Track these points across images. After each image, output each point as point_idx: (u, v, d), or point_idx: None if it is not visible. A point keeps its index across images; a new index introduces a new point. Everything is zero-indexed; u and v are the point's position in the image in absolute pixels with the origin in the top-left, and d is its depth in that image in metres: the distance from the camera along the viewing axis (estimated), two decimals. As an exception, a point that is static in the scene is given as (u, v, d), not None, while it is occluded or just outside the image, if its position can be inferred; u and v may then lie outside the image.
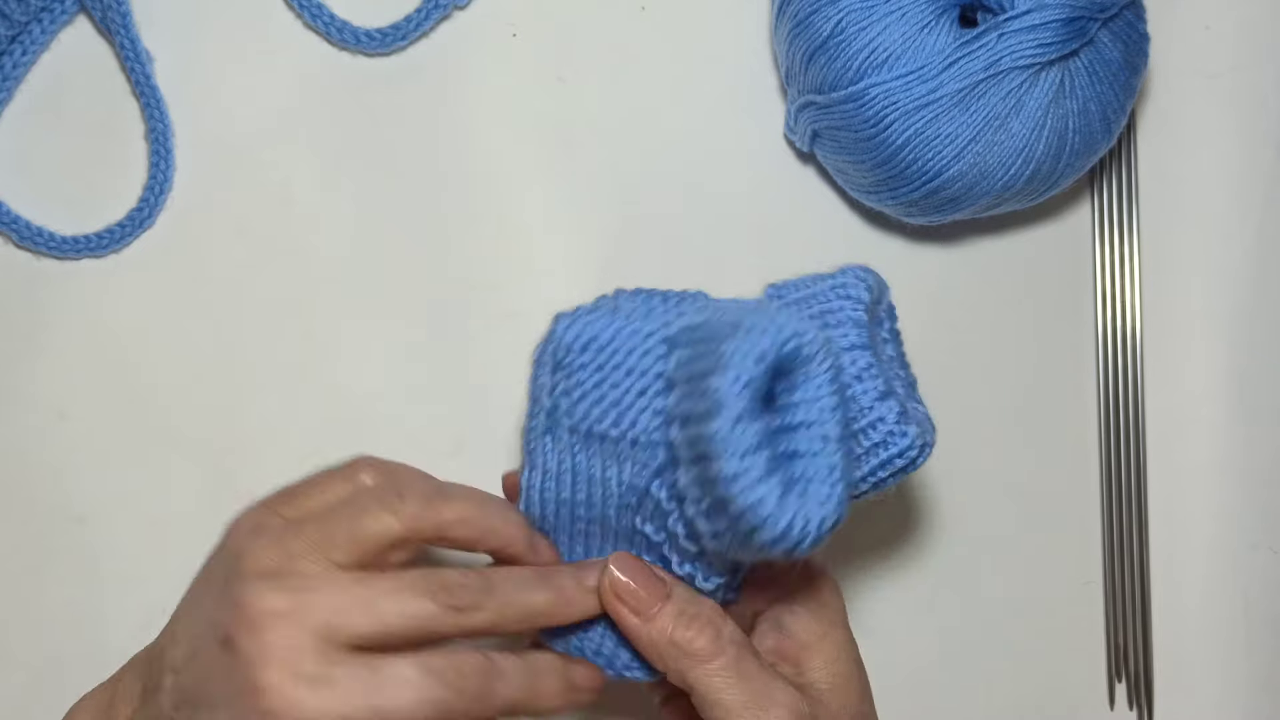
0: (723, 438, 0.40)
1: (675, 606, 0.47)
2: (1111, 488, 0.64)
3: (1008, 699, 0.63)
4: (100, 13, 0.62)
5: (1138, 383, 0.64)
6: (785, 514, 0.41)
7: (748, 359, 0.40)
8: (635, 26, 0.64)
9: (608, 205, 0.63)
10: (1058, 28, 0.54)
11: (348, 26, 0.62)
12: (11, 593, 0.57)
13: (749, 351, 0.40)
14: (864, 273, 0.47)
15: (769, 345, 0.41)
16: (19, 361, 0.62)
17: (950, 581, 0.63)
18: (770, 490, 0.41)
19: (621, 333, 0.46)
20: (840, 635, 0.49)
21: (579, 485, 0.48)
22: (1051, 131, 0.56)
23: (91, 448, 0.62)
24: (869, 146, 0.57)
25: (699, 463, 0.42)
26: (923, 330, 0.64)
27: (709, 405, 0.40)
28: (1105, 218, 0.64)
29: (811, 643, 0.49)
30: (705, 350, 0.42)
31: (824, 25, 0.56)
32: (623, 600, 0.47)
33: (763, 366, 0.41)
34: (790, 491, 0.41)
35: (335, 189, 0.63)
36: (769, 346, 0.41)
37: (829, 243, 0.64)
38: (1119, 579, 0.63)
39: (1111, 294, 0.64)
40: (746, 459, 0.40)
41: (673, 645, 0.47)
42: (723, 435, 0.40)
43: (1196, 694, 0.64)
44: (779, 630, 0.49)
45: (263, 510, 0.46)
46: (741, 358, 0.40)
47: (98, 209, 0.63)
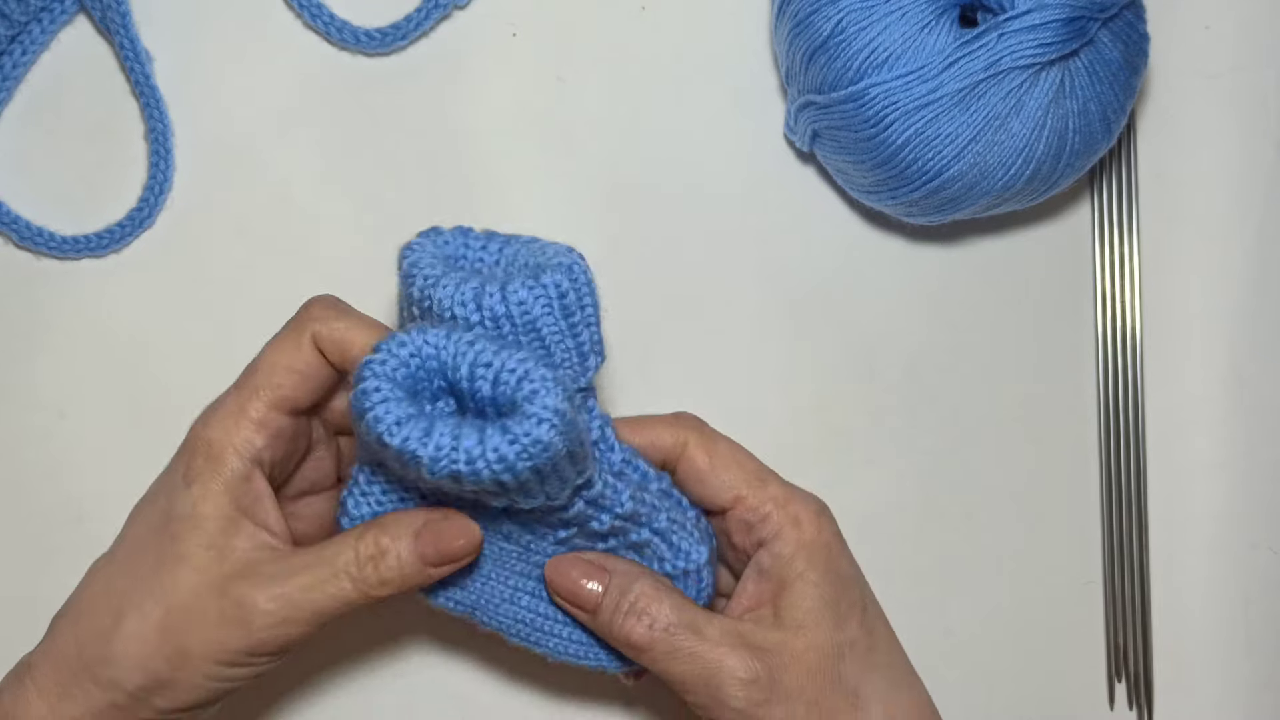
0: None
1: (610, 601, 0.50)
2: (1111, 488, 0.64)
3: (1008, 699, 0.63)
4: (100, 13, 0.62)
5: (1138, 383, 0.64)
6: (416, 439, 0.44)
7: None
8: (635, 26, 0.64)
9: (608, 205, 0.64)
10: (1058, 28, 0.54)
11: (348, 26, 0.62)
12: (11, 593, 0.57)
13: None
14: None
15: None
16: (19, 361, 0.62)
17: (950, 581, 0.63)
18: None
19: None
20: (814, 575, 0.50)
21: None
22: (1051, 131, 0.56)
23: (91, 448, 0.62)
24: (869, 146, 0.57)
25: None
26: (923, 330, 0.64)
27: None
28: (1105, 218, 0.64)
29: (787, 583, 0.50)
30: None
31: (824, 25, 0.56)
32: (566, 601, 0.50)
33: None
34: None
35: (335, 189, 0.63)
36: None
37: (829, 243, 0.64)
38: (1119, 579, 0.63)
39: (1111, 294, 0.64)
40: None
41: (616, 639, 0.50)
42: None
43: (1196, 694, 0.64)
44: (760, 573, 0.51)
45: None
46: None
47: (98, 209, 0.63)
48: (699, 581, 0.51)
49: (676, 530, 0.50)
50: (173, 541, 0.49)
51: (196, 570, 0.48)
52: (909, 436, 0.64)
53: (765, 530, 0.51)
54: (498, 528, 0.50)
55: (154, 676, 0.48)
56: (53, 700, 0.49)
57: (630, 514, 0.49)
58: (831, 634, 0.50)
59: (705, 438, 0.52)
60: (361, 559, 0.48)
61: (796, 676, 0.49)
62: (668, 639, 0.49)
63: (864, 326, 0.64)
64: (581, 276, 0.48)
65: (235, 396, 0.50)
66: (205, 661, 0.48)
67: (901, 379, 0.64)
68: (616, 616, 0.49)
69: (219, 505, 0.49)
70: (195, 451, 0.50)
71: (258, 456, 0.50)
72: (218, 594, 0.48)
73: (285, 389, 0.50)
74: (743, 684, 0.48)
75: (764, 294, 0.63)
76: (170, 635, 0.48)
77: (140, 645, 0.48)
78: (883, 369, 0.64)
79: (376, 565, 0.48)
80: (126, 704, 0.49)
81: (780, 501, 0.51)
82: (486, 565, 0.51)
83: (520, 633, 0.52)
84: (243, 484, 0.49)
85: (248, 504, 0.49)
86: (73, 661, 0.50)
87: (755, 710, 0.49)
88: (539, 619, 0.52)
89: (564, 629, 0.52)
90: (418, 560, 0.49)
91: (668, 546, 0.50)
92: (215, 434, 0.50)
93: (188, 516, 0.49)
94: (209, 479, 0.49)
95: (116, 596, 0.49)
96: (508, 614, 0.52)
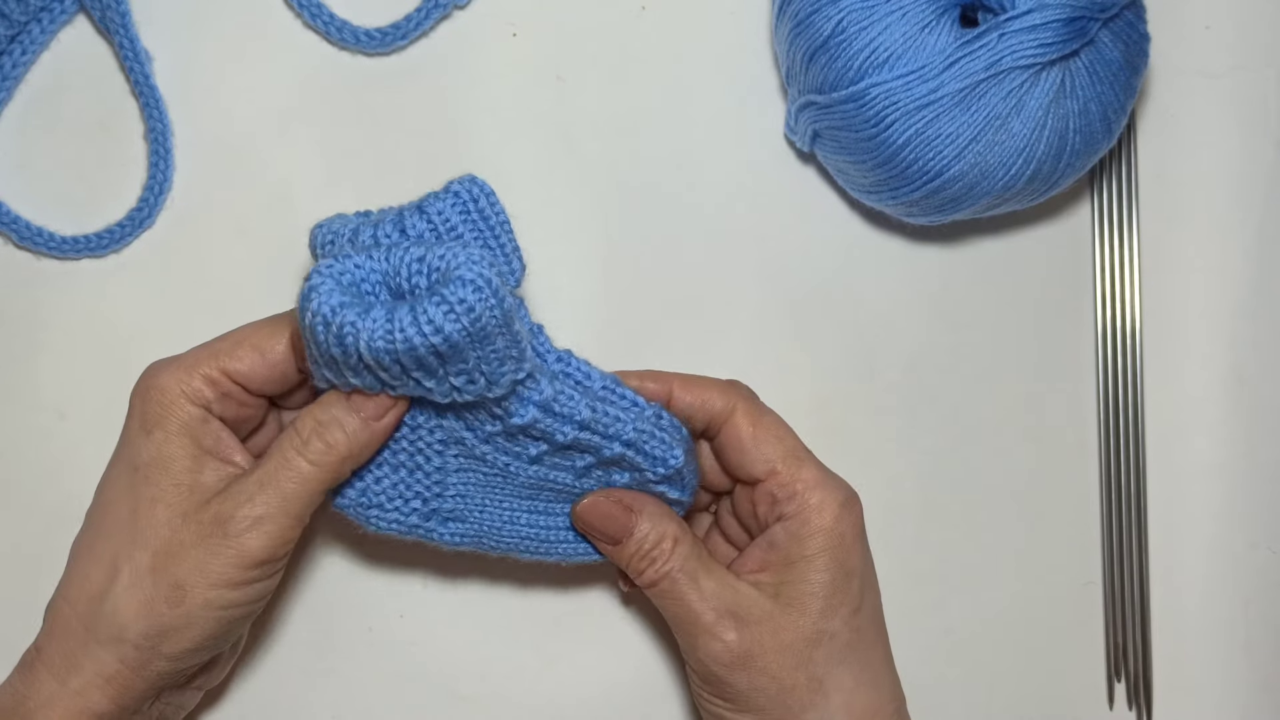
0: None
1: (633, 544, 0.53)
2: (1111, 488, 0.64)
3: (1008, 699, 0.63)
4: (100, 12, 0.62)
5: (1138, 383, 0.64)
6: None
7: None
8: (635, 26, 0.64)
9: (608, 205, 0.63)
10: (1058, 28, 0.54)
11: (348, 26, 0.62)
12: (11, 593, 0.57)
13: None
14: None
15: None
16: (19, 361, 0.62)
17: (951, 582, 0.63)
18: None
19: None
20: (820, 561, 0.53)
21: None
22: (1052, 131, 0.56)
23: (91, 448, 0.62)
24: (869, 146, 0.57)
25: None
26: (923, 330, 0.64)
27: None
28: (1105, 218, 0.64)
29: (792, 562, 0.53)
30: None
31: (824, 25, 0.56)
32: (591, 535, 0.54)
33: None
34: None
35: (335, 189, 0.63)
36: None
37: (829, 243, 0.64)
38: (1119, 579, 0.63)
39: (1111, 294, 0.64)
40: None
41: (631, 573, 0.54)
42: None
43: (1196, 694, 0.64)
44: (770, 546, 0.53)
45: None
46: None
47: (98, 209, 0.62)
48: (682, 480, 0.53)
49: (647, 439, 0.52)
50: (144, 486, 0.50)
51: (170, 506, 0.50)
52: (909, 436, 0.64)
53: (788, 507, 0.53)
54: (472, 453, 0.52)
55: (156, 621, 0.49)
56: (61, 675, 0.50)
57: (589, 422, 0.51)
58: (816, 620, 0.52)
59: (753, 407, 0.54)
60: (305, 435, 0.50)
61: (770, 651, 0.52)
62: (667, 583, 0.52)
63: (864, 326, 0.64)
64: (484, 186, 0.51)
65: (192, 354, 0.52)
66: (201, 589, 0.49)
67: (901, 379, 0.64)
68: (634, 558, 0.53)
69: (182, 445, 0.50)
70: (148, 399, 0.51)
71: (208, 405, 0.51)
72: (193, 520, 0.50)
73: (243, 363, 0.51)
74: (718, 645, 0.52)
75: (764, 294, 0.63)
76: (162, 574, 0.49)
77: (136, 593, 0.49)
78: (883, 369, 0.64)
79: (321, 434, 0.50)
80: (135, 659, 0.50)
81: (810, 483, 0.53)
82: (478, 496, 0.53)
83: (529, 548, 0.55)
84: (200, 425, 0.51)
85: (209, 444, 0.51)
86: (75, 631, 0.50)
87: (722, 670, 0.52)
88: (543, 532, 0.54)
89: (569, 533, 0.55)
90: (355, 417, 0.50)
91: (643, 457, 0.52)
92: (166, 381, 0.51)
93: (154, 460, 0.50)
94: (167, 422, 0.50)
95: (102, 555, 0.50)
96: (511, 535, 0.54)
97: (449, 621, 0.62)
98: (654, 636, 0.63)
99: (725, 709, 0.53)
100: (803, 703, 0.52)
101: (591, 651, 0.62)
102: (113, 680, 0.50)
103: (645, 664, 0.62)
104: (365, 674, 0.62)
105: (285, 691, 0.62)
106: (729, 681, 0.52)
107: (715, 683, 0.52)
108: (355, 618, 0.62)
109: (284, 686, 0.62)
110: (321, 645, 0.62)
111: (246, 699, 0.61)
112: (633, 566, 0.53)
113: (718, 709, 0.53)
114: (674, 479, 0.53)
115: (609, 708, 0.62)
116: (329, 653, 0.62)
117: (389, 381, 0.49)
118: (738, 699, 0.52)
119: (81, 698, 0.50)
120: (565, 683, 0.62)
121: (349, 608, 0.62)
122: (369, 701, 0.62)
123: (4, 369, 0.62)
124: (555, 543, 0.55)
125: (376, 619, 0.62)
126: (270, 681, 0.62)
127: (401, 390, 0.49)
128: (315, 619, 0.62)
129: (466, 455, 0.52)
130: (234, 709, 0.61)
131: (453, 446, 0.52)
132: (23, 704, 0.50)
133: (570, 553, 0.55)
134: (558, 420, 0.51)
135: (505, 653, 0.62)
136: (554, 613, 0.62)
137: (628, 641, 0.63)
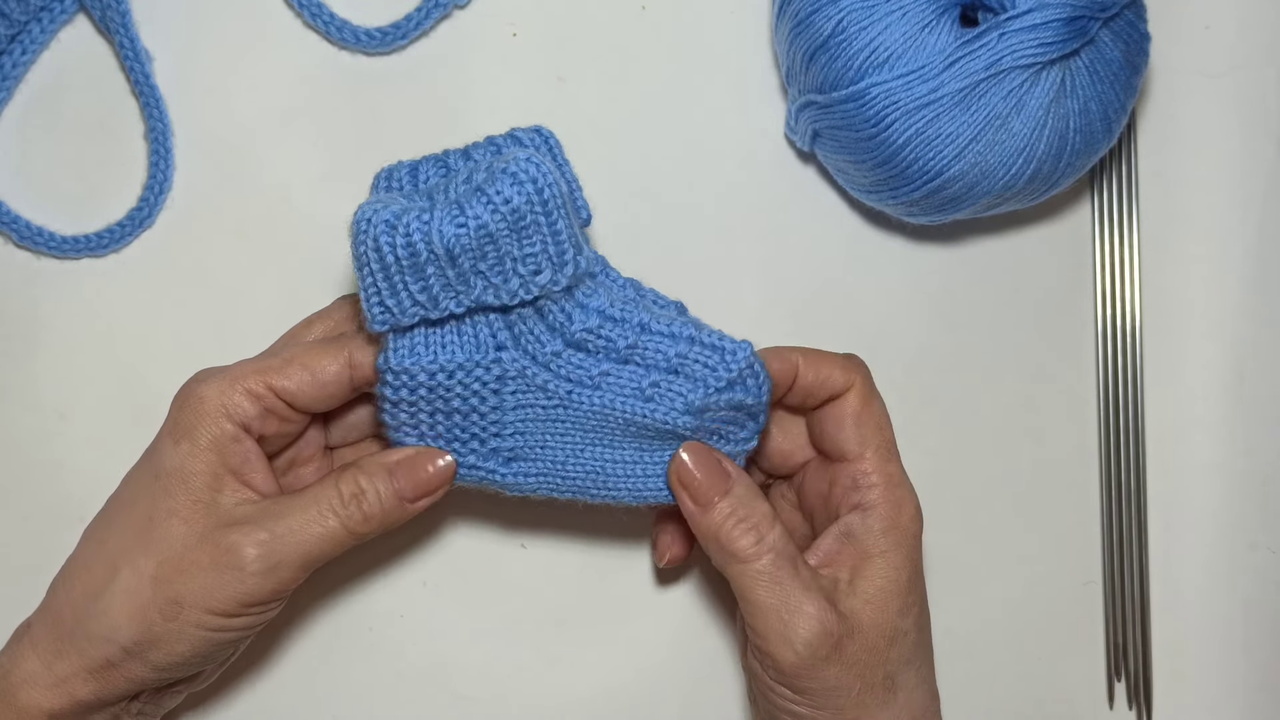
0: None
1: (729, 505, 0.51)
2: (1111, 488, 0.64)
3: (1008, 699, 0.63)
4: (100, 12, 0.62)
5: (1138, 383, 0.64)
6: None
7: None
8: (635, 26, 0.64)
9: (607, 205, 0.63)
10: (1058, 27, 0.54)
11: (348, 26, 0.62)
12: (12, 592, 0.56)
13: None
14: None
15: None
16: (19, 361, 0.62)
17: (951, 581, 0.63)
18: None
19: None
20: (897, 558, 0.52)
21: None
22: (1052, 131, 0.56)
23: (91, 448, 0.62)
24: (870, 146, 0.57)
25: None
26: (923, 330, 0.64)
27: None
28: (1105, 218, 0.64)
29: (871, 555, 0.51)
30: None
31: (825, 25, 0.56)
32: (685, 488, 0.52)
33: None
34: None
35: (335, 189, 0.63)
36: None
37: (829, 243, 0.64)
38: (1119, 579, 0.63)
39: (1111, 294, 0.64)
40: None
41: (719, 539, 0.51)
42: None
43: (1196, 694, 0.64)
44: (846, 536, 0.52)
45: None
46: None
47: (98, 209, 0.62)
48: (756, 379, 0.52)
49: (710, 334, 0.51)
50: (163, 497, 0.50)
51: (186, 522, 0.50)
52: (909, 436, 0.63)
53: (868, 497, 0.52)
54: (531, 384, 0.51)
55: (147, 629, 0.49)
56: (48, 658, 0.50)
57: (650, 323, 0.51)
58: (895, 618, 0.51)
59: (869, 387, 0.54)
60: (345, 497, 0.50)
61: (857, 646, 0.50)
62: (768, 561, 0.50)
63: (864, 326, 0.64)
64: (551, 135, 0.53)
65: (239, 366, 0.51)
66: (197, 610, 0.49)
67: (902, 379, 0.64)
68: (729, 521, 0.51)
69: (207, 462, 0.50)
70: (184, 407, 0.51)
71: (247, 423, 0.51)
72: (209, 543, 0.49)
73: (292, 381, 0.51)
74: (814, 633, 0.49)
75: (764, 294, 0.63)
76: (163, 586, 0.49)
77: (133, 598, 0.49)
78: (883, 369, 0.63)
79: (359, 502, 0.50)
80: (120, 660, 0.50)
81: (894, 480, 0.53)
82: (538, 432, 0.52)
83: (597, 485, 0.53)
84: (231, 444, 0.50)
85: (236, 464, 0.50)
86: (67, 620, 0.50)
87: (813, 660, 0.50)
88: (610, 465, 0.53)
89: (638, 467, 0.53)
90: (394, 495, 0.51)
91: (711, 351, 0.51)
92: (208, 391, 0.50)
93: (176, 472, 0.50)
94: (197, 435, 0.50)
95: (109, 553, 0.51)
96: (577, 470, 0.53)
97: (449, 621, 0.62)
98: (654, 637, 0.63)
99: (801, 706, 0.51)
100: (879, 700, 0.51)
101: (591, 651, 0.62)
102: (96, 674, 0.50)
103: (645, 665, 0.62)
104: (365, 674, 0.62)
105: (285, 691, 0.62)
106: (817, 675, 0.50)
107: (799, 676, 0.50)
108: (355, 618, 0.62)
109: (284, 686, 0.62)
110: (321, 645, 0.62)
111: (247, 699, 0.61)
112: (725, 533, 0.51)
113: (792, 706, 0.51)
114: (749, 376, 0.51)
115: (609, 708, 0.62)
116: (329, 653, 0.62)
117: (456, 284, 0.49)
118: (819, 695, 0.50)
119: (66, 684, 0.50)
120: (565, 683, 0.62)
121: (349, 608, 0.62)
122: (369, 701, 0.62)
123: (4, 369, 0.62)
124: (624, 478, 0.53)
125: (376, 619, 0.62)
126: (270, 681, 0.62)
127: (466, 299, 0.49)
128: (315, 618, 0.62)
129: (525, 389, 0.52)
130: (234, 709, 0.61)
131: (510, 383, 0.51)
132: (6, 677, 0.51)
133: (640, 490, 0.53)
134: (619, 325, 0.51)
135: (505, 653, 0.62)
136: (554, 613, 0.62)
137: (628, 642, 0.63)
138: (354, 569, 0.62)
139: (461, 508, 0.62)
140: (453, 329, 0.51)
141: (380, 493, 0.51)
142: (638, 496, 0.53)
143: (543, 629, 0.62)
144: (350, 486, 0.50)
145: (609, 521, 0.62)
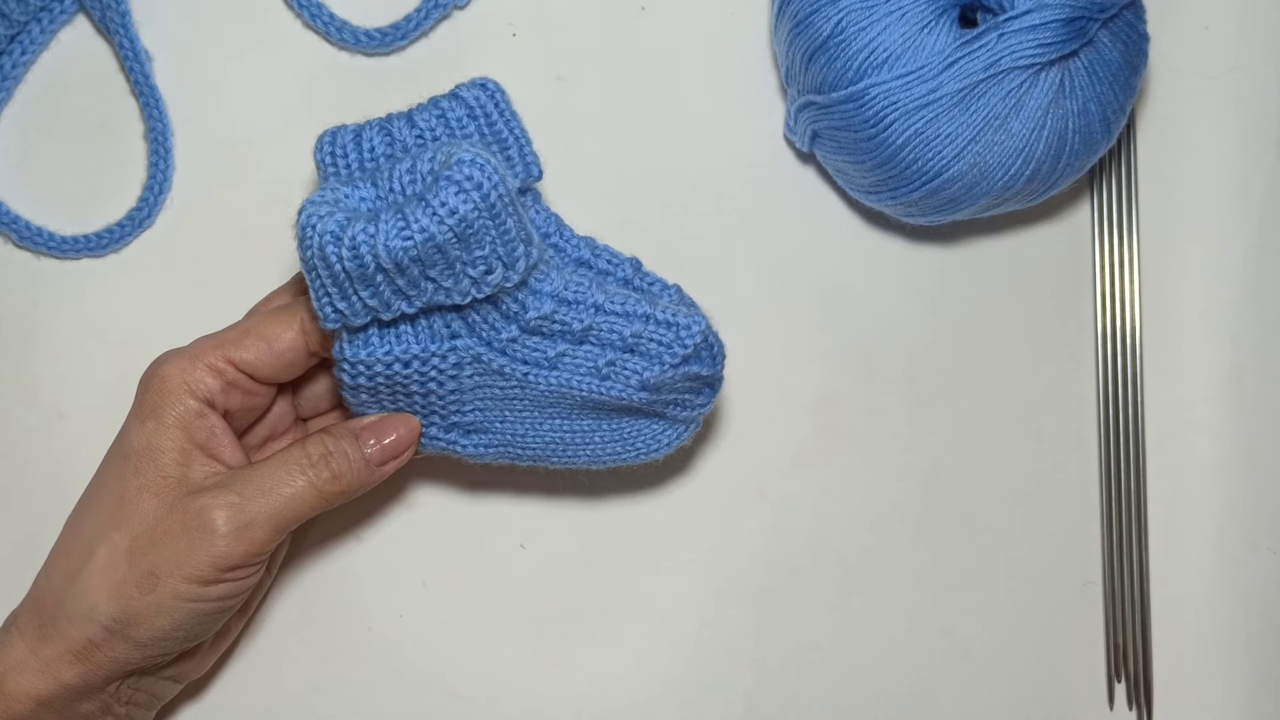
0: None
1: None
2: (1111, 488, 0.64)
3: (1008, 699, 0.63)
4: (99, 12, 0.62)
5: (1138, 383, 0.64)
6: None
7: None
8: (635, 26, 0.64)
9: (607, 205, 0.63)
10: (1058, 28, 0.54)
11: (348, 26, 0.62)
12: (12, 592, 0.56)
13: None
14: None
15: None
16: (19, 361, 0.62)
17: (951, 582, 0.63)
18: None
19: None
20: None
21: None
22: (1051, 131, 0.56)
23: (91, 448, 0.62)
24: (869, 146, 0.57)
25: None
26: (923, 330, 0.64)
27: None
28: (1105, 218, 0.64)
29: None
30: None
31: (824, 25, 0.56)
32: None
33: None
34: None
35: (335, 189, 0.63)
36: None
37: (829, 243, 0.64)
38: (1119, 579, 0.63)
39: (1111, 294, 0.64)
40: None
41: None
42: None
43: (1196, 694, 0.64)
44: None
45: None
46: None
47: (97, 209, 0.63)
48: (711, 351, 0.53)
49: (664, 311, 0.52)
50: (133, 475, 0.51)
51: (157, 496, 0.50)
52: (909, 436, 0.64)
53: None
54: (488, 368, 0.52)
55: (126, 605, 0.50)
56: (33, 643, 0.51)
57: (604, 304, 0.51)
58: None
59: None
60: (313, 457, 0.51)
61: None
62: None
63: (864, 326, 0.64)
64: (494, 88, 0.53)
65: (198, 344, 0.52)
66: (174, 580, 0.50)
67: (901, 379, 0.64)
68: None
69: (174, 439, 0.51)
70: (148, 388, 0.52)
71: (210, 397, 0.52)
72: (179, 511, 0.50)
73: (249, 352, 0.52)
74: None
75: (764, 294, 0.63)
76: (138, 559, 0.50)
77: (110, 575, 0.50)
78: (883, 369, 0.64)
79: (328, 462, 0.51)
80: (103, 639, 0.50)
81: None
82: (497, 409, 0.54)
83: (555, 453, 0.55)
84: (196, 419, 0.51)
85: (202, 439, 0.51)
86: (49, 604, 0.51)
87: None
88: (568, 435, 0.54)
89: (596, 435, 0.55)
90: (362, 457, 0.52)
91: (666, 328, 0.52)
92: (169, 370, 0.52)
93: (144, 450, 0.51)
94: (162, 414, 0.51)
95: (84, 535, 0.51)
96: (535, 441, 0.54)
97: (449, 621, 0.62)
98: (654, 637, 0.63)
99: None
100: None
101: (591, 651, 0.62)
102: (81, 656, 0.51)
103: (645, 665, 0.62)
104: (365, 674, 0.62)
105: (285, 692, 0.62)
106: None
107: None
108: (355, 618, 0.62)
109: (284, 687, 0.62)
110: (321, 645, 0.62)
111: (247, 699, 0.61)
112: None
113: None
114: (704, 348, 0.53)
115: (609, 708, 0.62)
116: (329, 653, 0.62)
117: (406, 290, 0.49)
118: None
119: (51, 668, 0.51)
120: (565, 683, 0.62)
121: (349, 608, 0.62)
122: (369, 701, 0.62)
123: (3, 369, 0.62)
124: (582, 445, 0.55)
125: (376, 619, 0.62)
126: (270, 681, 0.62)
127: (418, 301, 0.49)
128: (315, 619, 0.62)
129: (482, 373, 0.52)
130: (234, 709, 0.61)
131: (467, 368, 0.52)
132: None
133: (599, 455, 0.55)
134: (573, 307, 0.51)
135: (505, 653, 0.62)
136: (554, 613, 0.62)
137: (628, 641, 0.63)
138: (354, 569, 0.62)
139: (462, 508, 0.62)
140: (407, 322, 0.51)
141: (348, 453, 0.52)
142: (596, 461, 0.55)
143: (542, 629, 0.62)
144: (318, 448, 0.52)
145: (609, 521, 0.62)
